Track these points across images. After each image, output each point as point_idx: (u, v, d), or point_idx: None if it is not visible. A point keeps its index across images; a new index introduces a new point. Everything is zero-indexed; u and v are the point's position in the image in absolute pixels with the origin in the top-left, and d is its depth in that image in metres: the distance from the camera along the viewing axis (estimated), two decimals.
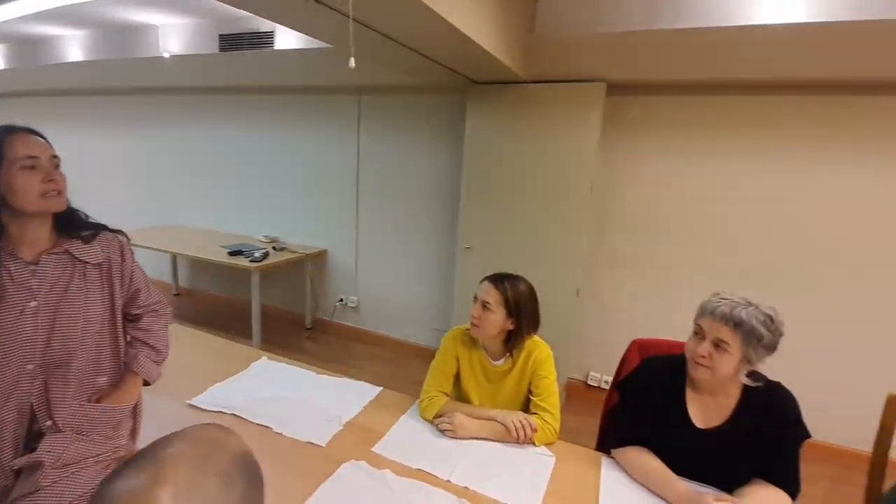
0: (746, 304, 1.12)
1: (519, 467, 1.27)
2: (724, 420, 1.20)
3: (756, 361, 1.12)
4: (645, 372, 1.31)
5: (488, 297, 1.42)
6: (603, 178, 2.81)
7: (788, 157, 2.46)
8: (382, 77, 3.09)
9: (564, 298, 2.76)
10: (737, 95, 2.52)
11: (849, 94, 2.31)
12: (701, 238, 2.68)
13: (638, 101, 2.72)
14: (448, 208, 3.30)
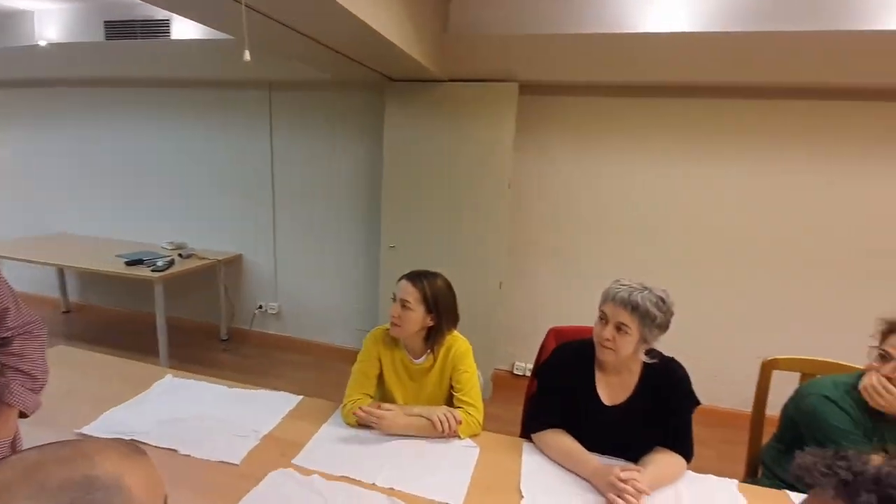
0: (642, 288, 1.22)
1: (444, 462, 1.28)
2: (628, 396, 1.31)
3: (652, 340, 1.23)
4: (557, 358, 1.38)
5: (407, 295, 1.42)
6: (520, 175, 2.93)
7: (678, 155, 2.71)
8: (295, 72, 2.96)
9: (488, 292, 2.83)
10: (636, 97, 2.73)
11: (728, 98, 2.60)
12: (611, 228, 2.88)
13: (550, 100, 2.86)
14: (370, 207, 3.25)
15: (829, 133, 2.52)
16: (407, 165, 2.85)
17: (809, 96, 2.49)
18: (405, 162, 2.85)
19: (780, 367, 1.65)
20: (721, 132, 2.64)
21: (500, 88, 2.64)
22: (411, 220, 2.91)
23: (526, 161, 2.93)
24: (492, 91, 2.65)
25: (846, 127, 2.49)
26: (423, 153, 2.81)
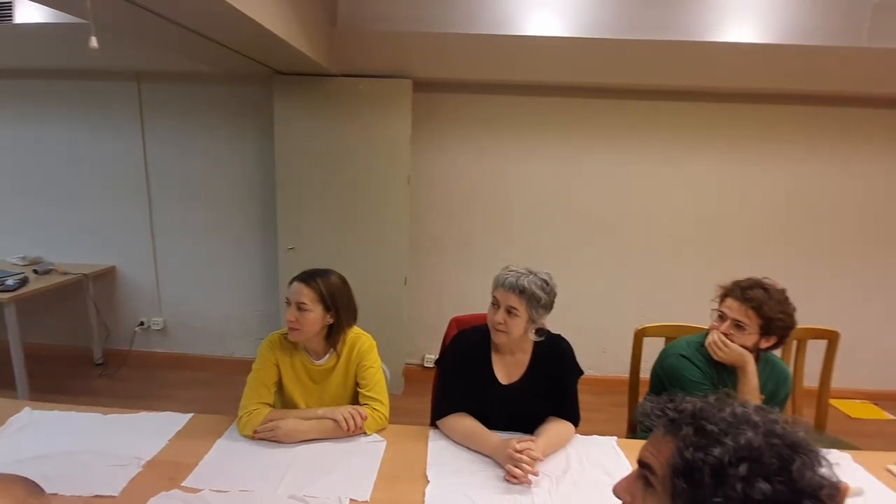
0: (528, 273, 1.32)
1: (350, 460, 1.27)
2: (522, 373, 1.41)
3: (539, 320, 1.34)
4: (456, 345, 1.44)
5: (302, 297, 1.38)
6: (419, 170, 2.97)
7: (562, 149, 2.94)
8: (168, 62, 2.70)
9: (393, 288, 2.85)
10: (524, 96, 2.90)
11: (600, 98, 2.87)
12: (505, 219, 3.04)
13: (445, 97, 2.93)
14: (264, 207, 3.08)
15: (684, 129, 2.90)
16: (302, 162, 2.75)
17: (664, 97, 2.84)
18: (300, 159, 2.75)
19: (649, 335, 1.88)
20: (595, 129, 2.91)
21: (395, 85, 2.65)
22: (310, 220, 2.81)
23: (424, 156, 2.98)
24: (386, 87, 2.65)
25: (694, 124, 2.89)
26: (318, 149, 2.73)
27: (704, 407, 0.58)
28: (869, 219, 2.99)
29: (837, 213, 2.99)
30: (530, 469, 1.16)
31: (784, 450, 0.51)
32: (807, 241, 3.03)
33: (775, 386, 1.52)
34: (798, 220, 3.00)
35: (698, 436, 0.55)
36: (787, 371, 1.55)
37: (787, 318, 1.38)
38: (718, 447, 0.52)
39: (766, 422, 0.55)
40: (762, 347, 1.44)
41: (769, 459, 0.51)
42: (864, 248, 3.04)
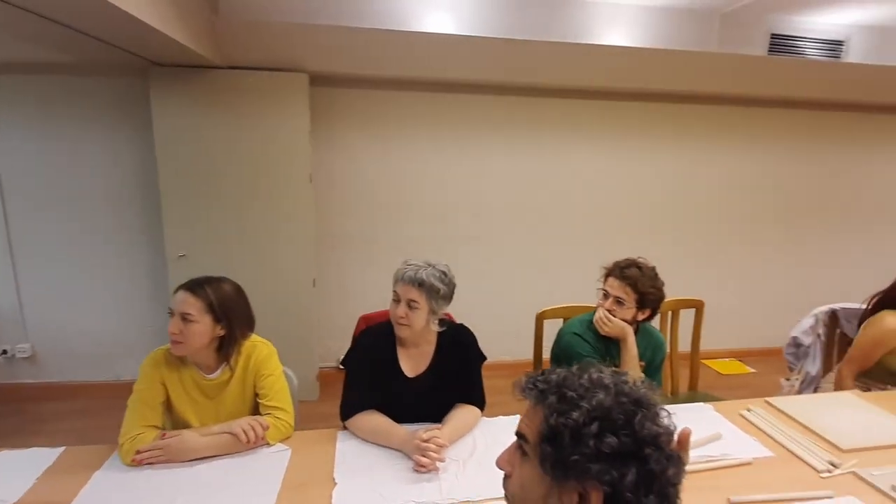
0: (426, 265, 1.35)
1: (251, 473, 1.21)
2: (428, 364, 1.43)
3: (439, 311, 1.37)
4: (360, 343, 1.43)
5: (188, 307, 1.28)
6: (321, 167, 2.88)
7: (460, 144, 3.03)
8: (24, 51, 2.35)
9: (302, 290, 2.74)
10: (424, 92, 2.93)
11: (496, 95, 2.99)
12: (410, 213, 3.06)
13: (345, 93, 2.87)
14: (147, 211, 2.80)
15: (575, 126, 3.12)
16: (188, 161, 2.54)
17: (555, 95, 3.03)
18: (186, 157, 2.53)
19: (548, 317, 2.01)
20: (493, 125, 3.03)
21: (289, 79, 2.54)
22: (204, 223, 2.61)
23: (327, 153, 2.90)
24: (280, 81, 2.53)
25: (583, 120, 3.12)
26: (207, 147, 2.53)
27: (567, 376, 0.64)
28: (726, 204, 3.46)
29: (702, 200, 3.41)
30: (437, 456, 1.19)
31: (629, 406, 0.58)
32: (678, 225, 3.42)
33: (653, 352, 1.71)
34: (671, 207, 3.38)
35: (561, 402, 0.60)
36: (661, 339, 1.75)
37: (657, 291, 1.55)
38: (576, 411, 0.58)
39: (616, 383, 0.61)
40: (640, 319, 1.60)
41: (616, 416, 0.57)
42: (724, 229, 3.50)
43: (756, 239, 3.58)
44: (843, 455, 1.35)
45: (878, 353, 1.84)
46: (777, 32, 2.88)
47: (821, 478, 1.26)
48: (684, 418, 1.53)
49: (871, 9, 2.71)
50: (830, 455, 1.34)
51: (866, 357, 1.86)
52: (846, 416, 1.55)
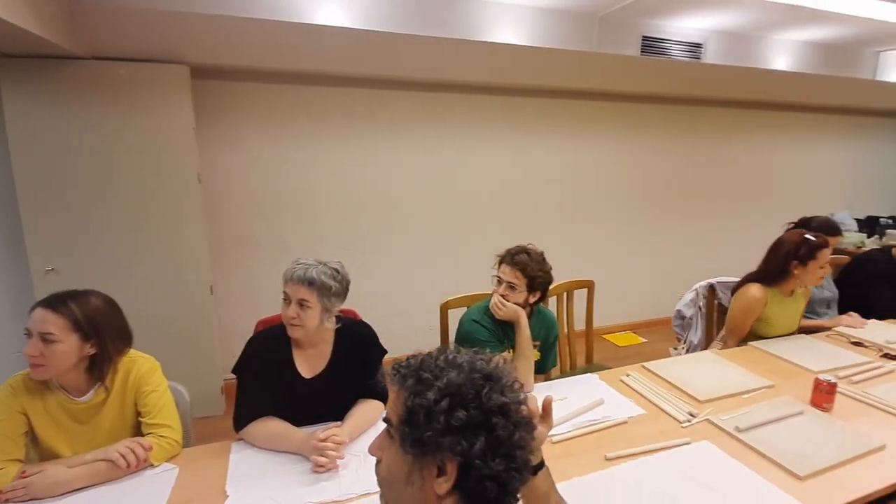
0: (317, 263, 1.33)
1: (131, 499, 1.13)
2: (327, 364, 1.42)
3: (333, 308, 1.36)
4: (251, 349, 1.38)
5: (48, 326, 1.15)
6: (213, 166, 2.71)
7: (361, 139, 3.00)
8: None
9: (198, 298, 2.57)
10: (323, 86, 2.86)
11: (396, 90, 3.00)
12: (314, 212, 2.99)
13: (235, 86, 2.71)
14: (6, 222, 2.44)
15: (473, 120, 3.22)
16: (53, 164, 2.26)
17: (452, 90, 3.11)
18: (49, 160, 2.25)
19: (452, 307, 2.08)
20: (393, 119, 3.04)
21: (167, 71, 2.34)
22: (75, 233, 2.34)
23: (219, 151, 2.73)
24: (157, 73, 2.33)
25: (481, 115, 3.23)
26: (75, 147, 2.27)
27: (424, 359, 0.67)
28: (613, 192, 3.78)
29: (592, 188, 3.70)
30: (335, 454, 1.19)
31: (479, 381, 0.63)
32: (571, 213, 3.68)
33: (546, 332, 1.84)
34: (565, 196, 3.63)
35: (417, 384, 0.64)
36: (553, 319, 1.88)
37: (545, 275, 1.67)
38: (430, 390, 0.62)
39: (470, 361, 0.66)
40: (532, 302, 1.71)
41: (467, 391, 0.62)
42: (612, 215, 3.83)
43: (642, 222, 3.96)
44: (701, 406, 1.56)
45: (749, 321, 2.07)
46: (648, 35, 3.19)
47: (682, 427, 1.44)
48: (574, 389, 1.68)
49: (723, 16, 3.09)
50: (690, 407, 1.53)
51: (740, 326, 2.09)
52: (706, 372, 1.78)
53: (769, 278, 2.05)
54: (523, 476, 0.64)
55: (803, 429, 1.41)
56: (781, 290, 2.07)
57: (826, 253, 1.97)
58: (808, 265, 1.96)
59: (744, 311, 2.07)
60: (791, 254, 1.98)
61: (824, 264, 1.97)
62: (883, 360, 1.91)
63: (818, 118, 4.45)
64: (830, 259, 2.79)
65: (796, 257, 1.97)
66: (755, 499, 1.14)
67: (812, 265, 1.96)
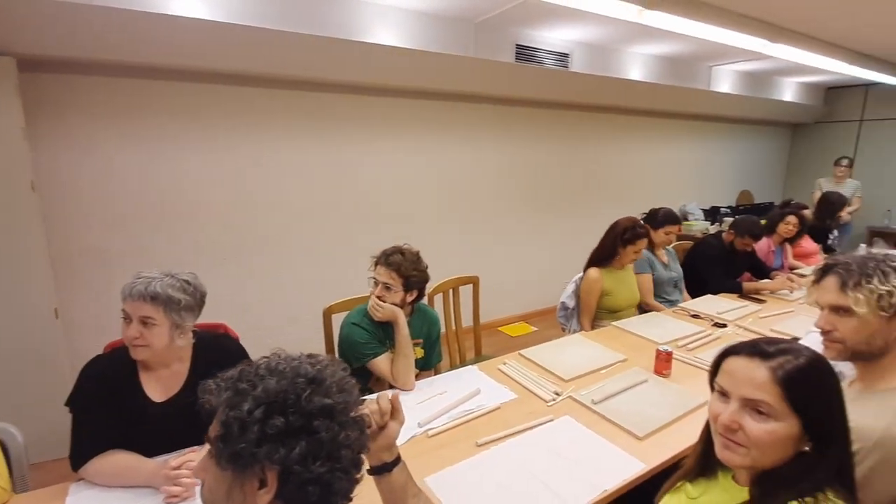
0: (163, 276, 1.22)
1: None
2: (183, 384, 1.31)
3: (185, 324, 1.25)
4: (88, 376, 1.23)
5: None
6: (54, 172, 2.37)
7: (241, 141, 2.82)
8: None
9: (39, 324, 2.22)
10: (188, 83, 2.62)
11: (269, 88, 2.86)
12: (189, 218, 2.74)
13: (80, 81, 2.38)
14: None
15: (361, 121, 3.18)
16: None
17: (334, 90, 3.05)
18: None
19: (336, 311, 2.03)
20: (271, 119, 2.89)
21: None
22: None
23: (60, 154, 2.38)
24: None
25: (370, 116, 3.21)
26: None
27: (244, 369, 0.65)
28: (498, 190, 3.98)
29: (478, 188, 3.86)
30: (189, 482, 1.10)
31: (302, 385, 0.62)
32: (459, 213, 3.80)
33: (429, 329, 1.87)
34: (453, 197, 3.73)
35: (235, 396, 0.61)
36: (435, 316, 1.93)
37: (420, 273, 1.70)
38: (246, 401, 0.60)
39: (295, 367, 0.65)
40: (410, 301, 1.74)
41: (285, 397, 0.61)
42: (500, 212, 4.04)
43: (527, 218, 4.22)
44: (565, 384, 1.70)
45: (594, 300, 2.36)
46: (521, 43, 3.41)
47: (548, 406, 1.56)
48: (454, 382, 1.72)
49: (586, 30, 3.41)
50: (556, 386, 1.67)
51: (588, 305, 2.38)
52: (572, 354, 1.95)
53: (603, 259, 2.41)
54: (352, 475, 0.64)
55: (646, 394, 1.61)
56: (614, 266, 2.42)
57: (643, 241, 2.36)
58: (627, 248, 2.34)
59: (587, 293, 2.39)
60: (619, 236, 2.34)
61: (639, 249, 2.36)
62: (713, 329, 2.25)
63: (668, 122, 5.09)
64: (677, 244, 3.22)
65: (622, 239, 2.34)
66: (603, 462, 1.27)
67: (630, 248, 2.34)
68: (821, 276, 1.10)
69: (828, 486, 0.73)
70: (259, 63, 2.55)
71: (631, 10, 2.48)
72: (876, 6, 2.93)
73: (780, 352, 0.76)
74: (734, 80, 5.05)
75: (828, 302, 1.07)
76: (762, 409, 0.74)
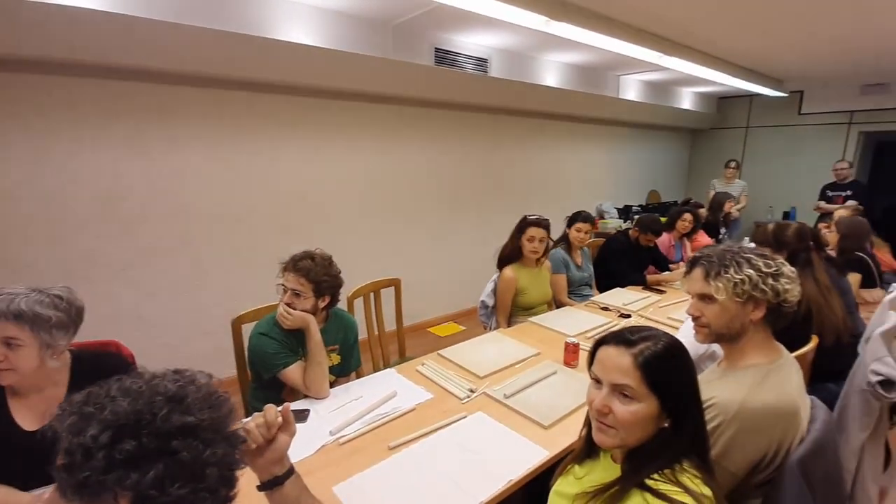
0: (29, 292, 1.10)
1: None
2: None
3: (58, 343, 1.14)
4: None
5: None
6: None
7: (139, 141, 2.61)
8: None
9: None
10: (88, 78, 2.38)
11: (163, 83, 2.66)
12: (65, 224, 2.47)
13: None
14: None
15: (274, 121, 3.06)
16: None
17: (241, 88, 2.91)
18: None
19: (247, 321, 1.94)
20: (171, 117, 2.71)
21: None
22: None
23: None
24: None
25: (280, 116, 3.09)
26: None
27: (93, 391, 0.61)
28: (420, 192, 4.01)
29: (399, 190, 3.87)
30: None
31: (159, 404, 0.59)
32: (381, 214, 3.79)
33: (345, 334, 1.84)
34: (374, 198, 3.70)
35: (80, 421, 0.57)
36: (351, 320, 1.90)
37: (331, 279, 1.67)
38: (91, 426, 0.55)
39: (153, 385, 0.61)
40: (322, 307, 1.70)
41: (141, 418, 0.57)
42: (422, 214, 4.07)
43: (450, 219, 4.28)
44: (480, 381, 1.75)
45: (508, 297, 2.45)
46: (440, 47, 3.46)
47: (462, 404, 1.59)
48: (370, 387, 1.71)
49: (502, 37, 3.52)
50: (471, 384, 1.71)
51: (504, 303, 2.47)
52: (489, 351, 2.01)
53: (510, 256, 2.53)
54: (221, 494, 0.62)
55: (555, 385, 1.70)
56: (526, 264, 2.54)
57: (531, 230, 2.46)
58: (522, 240, 2.48)
59: (503, 291, 2.50)
60: (517, 229, 2.51)
61: (531, 237, 2.45)
62: (619, 319, 2.42)
63: (583, 126, 5.40)
64: (593, 241, 3.42)
65: (519, 230, 2.50)
66: (510, 453, 1.32)
67: (523, 237, 2.47)
68: (690, 268, 1.22)
69: (684, 457, 0.81)
70: (159, 58, 2.37)
71: (538, 20, 2.60)
72: (754, 28, 3.30)
73: (641, 339, 0.83)
74: (639, 89, 5.47)
75: (695, 290, 1.18)
76: (627, 393, 0.81)
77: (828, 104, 5.84)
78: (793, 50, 3.95)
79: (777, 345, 1.16)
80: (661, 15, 3.00)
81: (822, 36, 3.49)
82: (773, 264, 1.11)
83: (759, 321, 1.12)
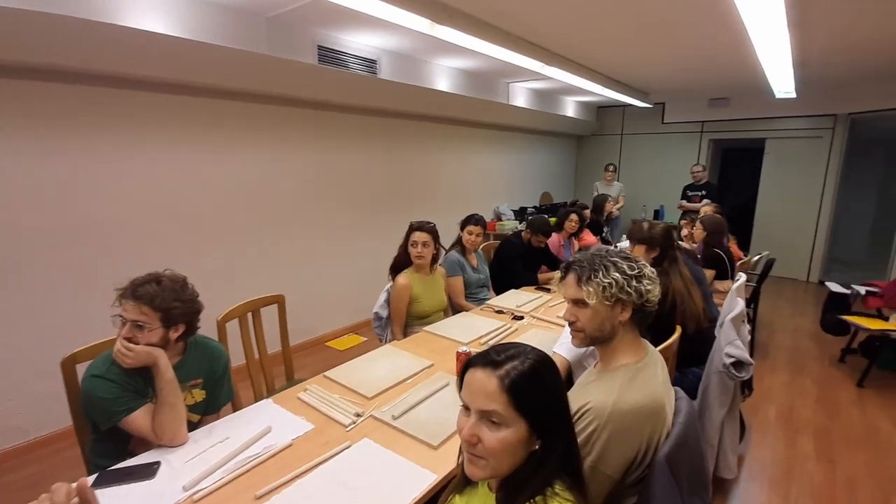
0: None
1: None
2: None
3: None
4: None
5: None
6: None
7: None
8: None
9: None
10: None
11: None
12: None
13: None
14: None
15: (124, 119, 2.64)
16: None
17: (110, 84, 2.48)
18: None
19: (82, 359, 1.60)
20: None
21: None
22: None
23: None
24: None
25: (126, 111, 2.69)
26: None
27: None
28: (310, 198, 3.77)
29: (288, 196, 3.59)
30: None
31: None
32: (263, 224, 3.49)
33: (210, 364, 1.60)
34: (255, 207, 3.39)
35: None
36: (217, 347, 1.66)
37: (184, 304, 1.43)
38: None
39: None
40: (175, 337, 1.45)
41: None
42: (310, 222, 3.83)
43: (346, 225, 4.08)
44: (369, 402, 1.62)
45: (403, 306, 2.37)
46: (323, 45, 3.27)
47: (346, 432, 1.46)
48: (239, 425, 1.49)
49: (391, 38, 3.43)
50: (357, 407, 1.58)
51: (399, 312, 2.38)
52: (379, 366, 1.89)
53: (407, 263, 2.47)
54: None
55: (446, 400, 1.63)
56: (419, 272, 2.48)
57: (414, 235, 2.44)
58: (407, 246, 2.45)
59: (397, 299, 2.40)
60: (405, 235, 2.49)
61: (414, 242, 2.43)
62: (513, 322, 2.44)
63: (477, 131, 5.52)
64: (487, 244, 3.46)
65: (406, 236, 2.48)
66: (399, 481, 1.22)
67: (409, 244, 2.45)
68: (564, 273, 1.21)
69: (556, 478, 0.77)
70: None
71: (422, 22, 2.55)
72: (621, 45, 3.58)
73: (508, 359, 0.78)
74: (528, 96, 5.73)
75: (570, 296, 1.18)
76: (495, 419, 0.75)
77: (683, 115, 6.64)
78: (653, 66, 4.38)
79: (644, 343, 1.20)
80: (541, 27, 3.12)
81: (673, 54, 3.90)
82: (635, 266, 1.14)
83: (627, 322, 1.15)
